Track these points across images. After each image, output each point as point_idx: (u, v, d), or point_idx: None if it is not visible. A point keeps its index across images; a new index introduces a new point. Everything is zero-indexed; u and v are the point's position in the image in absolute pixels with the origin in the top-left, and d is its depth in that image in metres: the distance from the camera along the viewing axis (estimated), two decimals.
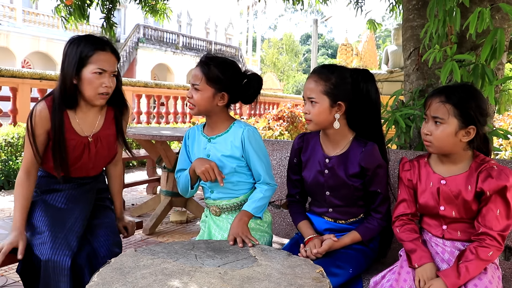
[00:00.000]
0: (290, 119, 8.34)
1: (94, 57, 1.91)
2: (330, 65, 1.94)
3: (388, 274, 1.78)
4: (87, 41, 1.93)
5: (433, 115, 1.68)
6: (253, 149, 1.95)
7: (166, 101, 11.29)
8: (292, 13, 67.05)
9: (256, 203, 1.93)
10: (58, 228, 1.93)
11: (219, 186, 1.92)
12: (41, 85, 8.41)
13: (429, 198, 1.75)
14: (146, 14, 6.01)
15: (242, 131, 1.95)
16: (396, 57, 9.52)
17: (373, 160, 1.86)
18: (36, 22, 23.61)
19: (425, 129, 1.73)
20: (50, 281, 1.83)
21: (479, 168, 1.67)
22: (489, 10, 2.09)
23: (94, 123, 2.08)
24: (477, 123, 1.64)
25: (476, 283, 1.59)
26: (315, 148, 2.00)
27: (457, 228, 1.72)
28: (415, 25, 3.01)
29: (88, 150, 2.05)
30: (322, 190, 1.97)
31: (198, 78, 1.91)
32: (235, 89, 1.96)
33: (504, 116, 6.77)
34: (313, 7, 6.73)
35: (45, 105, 1.96)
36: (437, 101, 1.67)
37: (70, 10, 5.04)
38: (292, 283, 1.35)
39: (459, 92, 1.66)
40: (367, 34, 16.45)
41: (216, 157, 1.96)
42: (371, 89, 1.90)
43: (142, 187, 6.18)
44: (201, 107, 1.94)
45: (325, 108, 1.86)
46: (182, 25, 32.36)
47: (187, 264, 1.47)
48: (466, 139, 1.66)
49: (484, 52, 2.11)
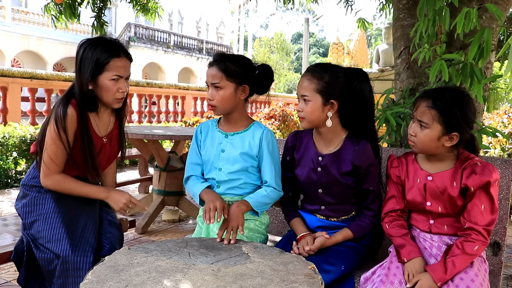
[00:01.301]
0: (282, 117, 8.36)
1: (110, 64, 1.95)
2: (324, 63, 1.96)
3: (378, 270, 1.81)
4: (103, 46, 1.96)
5: (418, 118, 1.72)
6: (268, 151, 1.99)
7: (158, 100, 11.27)
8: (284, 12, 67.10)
9: (259, 198, 1.94)
10: (74, 225, 1.95)
11: (227, 181, 1.99)
12: (32, 84, 8.36)
13: (416, 194, 1.78)
14: (138, 13, 5.99)
15: (263, 131, 2.00)
16: (387, 56, 9.58)
17: (365, 159, 1.89)
18: (25, 21, 23.38)
19: (411, 129, 1.76)
20: (68, 278, 1.84)
21: (463, 164, 1.70)
22: (477, 10, 2.12)
23: (108, 124, 2.14)
24: (460, 130, 1.67)
25: (462, 276, 1.62)
26: (308, 146, 2.02)
27: (443, 222, 1.75)
28: (406, 24, 3.04)
29: (104, 150, 2.11)
30: (315, 188, 1.98)
31: (218, 77, 1.93)
32: (253, 81, 2.01)
33: (493, 114, 6.84)
34: (304, 6, 6.75)
35: (73, 107, 1.97)
36: (424, 105, 1.70)
37: (61, 9, 5.01)
38: (285, 279, 1.37)
39: (446, 98, 1.67)
40: (358, 33, 16.50)
41: (231, 154, 1.99)
42: (365, 88, 1.92)
43: (134, 186, 6.17)
44: (226, 105, 1.97)
45: (318, 106, 1.88)
46: (173, 24, 32.24)
47: (181, 261, 1.48)
48: (449, 144, 1.69)
49: (472, 51, 2.14)
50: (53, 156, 1.97)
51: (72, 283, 1.83)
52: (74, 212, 2.01)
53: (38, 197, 2.05)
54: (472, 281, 1.60)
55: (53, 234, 1.91)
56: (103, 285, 1.28)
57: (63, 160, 2.00)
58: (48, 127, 1.97)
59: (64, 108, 1.95)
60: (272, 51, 47.63)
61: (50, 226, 1.94)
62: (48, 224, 1.95)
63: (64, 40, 23.09)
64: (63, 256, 1.84)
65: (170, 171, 4.38)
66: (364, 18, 5.51)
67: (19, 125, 6.69)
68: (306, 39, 18.23)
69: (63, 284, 1.84)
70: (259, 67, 2.04)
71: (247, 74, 1.98)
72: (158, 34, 27.36)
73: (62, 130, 1.93)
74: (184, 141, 4.92)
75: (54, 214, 1.98)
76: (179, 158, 4.50)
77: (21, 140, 6.16)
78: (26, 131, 6.36)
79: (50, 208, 2.00)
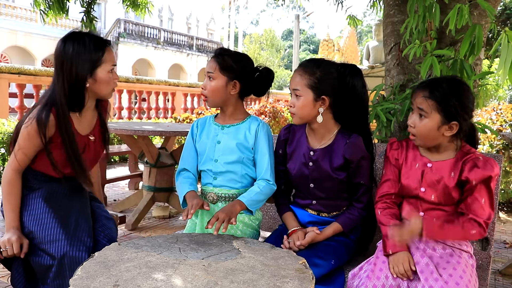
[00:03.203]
0: (272, 114, 8.34)
1: (106, 56, 1.93)
2: (317, 59, 1.96)
3: (365, 265, 1.81)
4: (89, 40, 1.91)
5: (418, 106, 1.72)
6: (263, 143, 2.02)
7: (148, 97, 11.20)
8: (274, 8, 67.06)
9: (252, 196, 1.95)
10: (66, 225, 1.91)
11: (224, 173, 2.02)
12: (20, 80, 8.26)
13: (412, 179, 1.78)
14: (127, 9, 5.93)
15: (259, 123, 2.05)
16: (377, 53, 9.61)
17: (356, 152, 1.89)
18: (13, 16, 23.10)
19: (410, 120, 1.77)
20: (65, 279, 1.79)
21: (464, 157, 1.71)
22: (468, 6, 2.13)
23: (92, 122, 2.10)
24: (459, 118, 1.67)
25: (451, 272, 1.62)
26: (301, 140, 2.02)
27: (433, 215, 1.75)
28: (396, 20, 3.05)
29: (89, 148, 2.08)
30: (307, 182, 1.99)
31: (213, 68, 1.99)
32: (248, 80, 2.03)
33: (482, 111, 6.90)
34: (295, 2, 6.74)
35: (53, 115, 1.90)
36: (421, 95, 1.71)
37: (49, 4, 4.94)
38: (276, 274, 1.37)
39: (443, 88, 1.68)
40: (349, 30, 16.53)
41: (227, 145, 2.02)
42: (357, 84, 1.92)
43: (124, 182, 6.14)
44: (216, 97, 2.01)
45: (309, 102, 1.88)
46: (163, 20, 32.09)
47: (171, 257, 1.48)
48: (449, 134, 1.70)
49: (463, 48, 2.15)
50: (18, 154, 1.94)
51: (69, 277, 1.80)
52: (63, 211, 1.97)
53: (26, 197, 2.01)
54: (460, 277, 1.61)
55: (46, 235, 1.87)
56: (93, 280, 1.27)
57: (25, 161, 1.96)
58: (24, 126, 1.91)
59: (47, 113, 1.89)
60: (263, 47, 47.59)
61: (43, 227, 1.90)
62: (40, 225, 1.91)
63: (52, 35, 22.83)
64: (59, 258, 1.81)
65: (160, 167, 4.36)
66: (354, 15, 5.51)
67: (7, 122, 6.61)
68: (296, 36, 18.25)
69: (60, 285, 1.81)
70: (261, 69, 2.07)
71: (242, 71, 2.01)
72: (148, 30, 27.19)
73: (42, 133, 1.89)
74: (174, 137, 4.90)
75: (45, 214, 1.93)
76: (169, 154, 4.49)
77: (9, 136, 6.09)
78: (15, 127, 6.29)
79: (40, 208, 1.96)
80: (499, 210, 5.26)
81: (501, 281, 3.22)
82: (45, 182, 2.04)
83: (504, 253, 3.83)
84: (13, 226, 1.91)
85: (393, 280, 1.68)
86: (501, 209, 5.31)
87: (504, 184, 5.13)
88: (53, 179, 2.04)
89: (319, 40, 47.47)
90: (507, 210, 5.31)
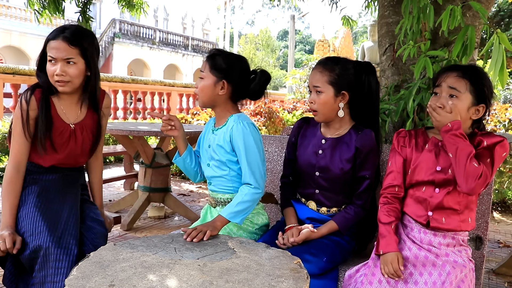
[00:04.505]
0: (268, 114, 8.36)
1: (48, 46, 1.97)
2: (334, 57, 2.03)
3: (362, 269, 1.81)
4: (53, 31, 1.99)
5: (451, 86, 1.68)
6: (239, 146, 1.93)
7: (143, 97, 11.19)
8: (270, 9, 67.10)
9: (233, 207, 1.86)
10: (56, 219, 1.93)
11: (216, 177, 2.02)
12: (14, 80, 8.23)
13: (427, 162, 1.76)
14: (123, 9, 5.93)
15: (233, 126, 1.96)
16: (372, 53, 9.66)
17: (367, 143, 1.93)
18: (8, 15, 22.99)
19: (437, 102, 1.69)
20: (49, 269, 1.80)
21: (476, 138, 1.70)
22: (461, 8, 2.15)
23: (76, 112, 2.12)
24: (487, 101, 1.69)
25: (457, 274, 1.62)
26: (314, 131, 2.08)
27: (442, 214, 1.72)
28: (391, 21, 3.07)
29: (75, 138, 2.09)
30: (313, 170, 2.02)
31: (203, 67, 2.00)
32: (239, 82, 2.00)
33: None
34: (290, 3, 6.75)
35: (34, 95, 2.00)
36: (455, 75, 1.69)
37: (44, 4, 4.93)
38: (270, 273, 1.37)
39: (474, 70, 1.70)
40: (344, 31, 16.58)
41: (214, 149, 2.02)
42: (372, 81, 2.00)
43: (120, 183, 6.13)
44: (204, 96, 1.99)
45: (330, 97, 1.94)
46: (158, 20, 32.04)
47: (167, 257, 1.48)
48: (475, 117, 1.70)
49: (456, 49, 2.17)
50: (13, 146, 2.01)
51: (52, 275, 1.80)
52: (56, 206, 2.00)
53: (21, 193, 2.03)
54: (462, 281, 1.63)
55: (35, 227, 1.89)
56: (88, 280, 1.27)
57: (20, 150, 2.00)
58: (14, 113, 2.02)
59: (29, 92, 2.00)
60: (258, 48, 47.61)
61: (32, 220, 1.92)
62: (29, 218, 1.93)
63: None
64: (44, 248, 1.82)
65: (155, 167, 4.36)
66: (349, 16, 5.53)
67: (2, 122, 6.59)
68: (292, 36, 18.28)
69: (44, 276, 1.81)
70: (258, 72, 2.04)
71: (232, 72, 1.97)
72: (143, 30, 27.17)
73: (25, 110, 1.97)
74: (169, 138, 4.90)
75: (34, 208, 1.96)
76: (164, 154, 4.49)
77: (3, 137, 6.07)
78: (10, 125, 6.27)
79: (32, 203, 1.99)
80: (493, 209, 5.29)
81: (495, 280, 3.24)
82: (38, 174, 2.08)
83: (498, 253, 3.85)
84: (8, 224, 1.93)
85: (387, 283, 1.68)
86: (495, 208, 5.34)
87: (498, 184, 5.17)
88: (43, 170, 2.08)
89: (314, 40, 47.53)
90: (501, 210, 5.34)
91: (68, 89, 2.01)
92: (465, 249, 1.75)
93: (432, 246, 1.73)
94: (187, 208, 4.44)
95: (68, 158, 2.11)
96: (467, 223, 1.73)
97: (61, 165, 2.11)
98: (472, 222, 1.75)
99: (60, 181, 2.11)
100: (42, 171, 2.09)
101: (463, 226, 1.73)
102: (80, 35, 1.99)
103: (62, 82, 1.98)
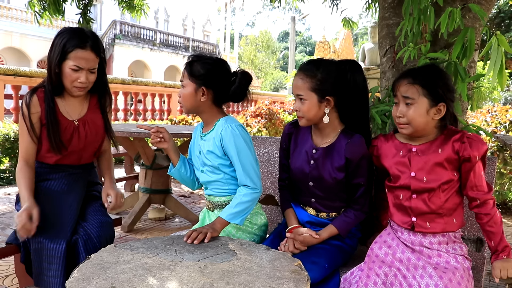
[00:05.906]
0: (268, 116, 8.36)
1: (73, 54, 2.00)
2: (316, 60, 1.95)
3: (356, 271, 1.82)
4: (73, 35, 2.01)
5: (403, 95, 1.71)
6: (230, 149, 1.93)
7: (144, 98, 11.19)
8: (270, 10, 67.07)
9: (232, 209, 1.89)
10: (52, 215, 2.00)
11: (210, 182, 2.01)
12: (15, 82, 8.23)
13: (401, 167, 1.77)
14: (123, 10, 5.93)
15: (221, 130, 1.94)
16: (372, 55, 9.65)
17: (357, 151, 1.88)
18: (8, 17, 23.01)
19: (397, 112, 1.74)
20: (43, 263, 1.92)
21: (453, 136, 1.71)
22: (460, 10, 2.15)
23: (80, 108, 2.18)
24: (446, 99, 1.68)
25: (451, 277, 1.63)
26: (305, 137, 2.03)
27: (426, 219, 1.73)
28: (391, 23, 3.07)
29: (78, 134, 2.14)
30: (306, 180, 1.99)
31: (183, 75, 1.98)
32: (220, 86, 1.97)
33: (477, 113, 6.93)
34: (291, 4, 6.76)
35: (36, 95, 2.07)
36: (405, 82, 1.71)
37: (45, 5, 4.94)
38: (271, 276, 1.37)
39: (424, 73, 1.70)
40: (345, 32, 16.57)
41: (205, 155, 2.00)
42: (358, 79, 1.94)
43: (120, 184, 6.12)
44: (187, 104, 1.98)
45: (314, 104, 1.88)
46: (159, 21, 32.05)
47: (167, 258, 1.48)
48: (438, 117, 1.70)
49: (456, 50, 2.17)
50: (21, 144, 2.08)
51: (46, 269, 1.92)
52: (53, 203, 2.05)
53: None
54: (458, 284, 1.63)
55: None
56: (89, 282, 1.27)
57: (27, 147, 2.07)
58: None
59: (29, 95, 2.06)
60: (259, 49, 47.62)
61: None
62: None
63: (48, 37, 22.71)
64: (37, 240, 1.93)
65: (156, 169, 4.36)
66: (350, 18, 5.54)
67: (2, 123, 6.59)
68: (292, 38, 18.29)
69: (39, 262, 1.94)
70: (238, 73, 1.99)
71: (210, 77, 1.94)
72: (144, 31, 27.17)
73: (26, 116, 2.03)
74: None
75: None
76: (165, 156, 4.48)
77: (4, 138, 6.08)
78: (10, 129, 6.28)
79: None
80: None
81: (496, 282, 3.23)
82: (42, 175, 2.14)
83: None
84: (25, 199, 1.98)
85: (382, 285, 1.68)
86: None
87: (498, 185, 5.16)
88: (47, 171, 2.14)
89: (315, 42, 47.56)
90: (501, 211, 5.34)
91: (84, 93, 2.12)
92: (459, 246, 1.75)
93: (424, 246, 1.74)
94: (187, 209, 4.44)
95: (73, 155, 2.15)
96: (452, 224, 1.74)
97: (65, 163, 2.15)
98: (458, 221, 1.75)
99: (65, 178, 2.16)
100: (46, 171, 2.15)
101: (448, 227, 1.73)
102: (100, 43, 2.09)
103: (82, 88, 2.07)
